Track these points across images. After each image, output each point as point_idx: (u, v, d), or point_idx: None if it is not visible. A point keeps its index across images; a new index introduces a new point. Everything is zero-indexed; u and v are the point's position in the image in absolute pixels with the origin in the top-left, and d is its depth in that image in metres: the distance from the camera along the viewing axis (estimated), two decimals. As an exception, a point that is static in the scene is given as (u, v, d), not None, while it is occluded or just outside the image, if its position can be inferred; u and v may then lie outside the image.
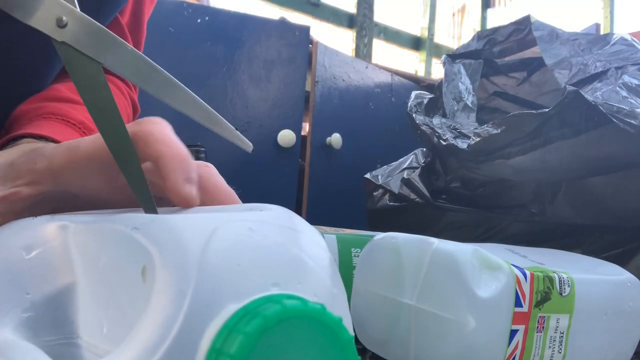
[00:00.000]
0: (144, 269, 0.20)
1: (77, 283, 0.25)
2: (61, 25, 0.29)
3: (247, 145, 0.35)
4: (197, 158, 0.82)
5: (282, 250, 0.22)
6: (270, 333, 0.18)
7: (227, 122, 0.33)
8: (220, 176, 0.32)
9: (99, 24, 0.30)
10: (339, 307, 0.22)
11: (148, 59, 0.31)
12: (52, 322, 0.25)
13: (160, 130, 0.30)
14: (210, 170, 0.32)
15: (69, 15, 0.29)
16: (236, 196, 0.32)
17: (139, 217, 0.23)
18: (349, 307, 0.56)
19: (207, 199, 0.30)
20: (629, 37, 0.77)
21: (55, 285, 0.25)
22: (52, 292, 0.25)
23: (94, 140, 0.30)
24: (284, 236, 0.23)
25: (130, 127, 0.30)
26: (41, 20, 0.29)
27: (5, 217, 0.29)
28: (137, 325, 0.19)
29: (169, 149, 0.29)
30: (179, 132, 0.34)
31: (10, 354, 0.22)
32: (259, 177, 1.33)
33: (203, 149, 0.93)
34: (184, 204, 0.28)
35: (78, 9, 0.30)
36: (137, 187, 0.28)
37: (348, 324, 0.23)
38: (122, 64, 0.30)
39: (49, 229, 0.27)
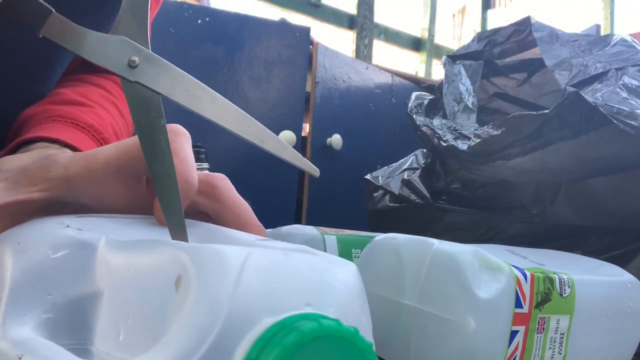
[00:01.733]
0: (179, 279, 0.21)
1: (100, 290, 0.25)
2: (133, 66, 0.29)
3: (315, 170, 0.36)
4: (197, 159, 0.82)
5: (316, 275, 0.22)
6: (305, 348, 0.18)
7: (292, 148, 0.35)
8: (233, 188, 0.33)
9: (164, 60, 0.30)
10: (366, 335, 0.22)
11: (210, 89, 0.32)
12: (70, 326, 0.25)
13: (179, 143, 0.31)
14: (227, 183, 0.32)
15: (140, 55, 0.30)
16: (251, 210, 0.32)
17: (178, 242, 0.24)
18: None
19: (225, 212, 0.31)
20: (629, 38, 0.77)
21: (78, 290, 0.26)
22: (73, 296, 0.25)
23: (113, 151, 0.30)
24: (317, 262, 0.23)
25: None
26: (113, 62, 0.29)
27: (14, 220, 0.30)
28: (171, 331, 0.19)
29: (179, 166, 0.30)
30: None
31: (40, 351, 0.22)
32: (259, 177, 1.33)
33: (203, 149, 0.93)
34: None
35: (149, 49, 0.30)
36: (171, 216, 0.29)
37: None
38: (188, 97, 0.31)
39: (77, 234, 0.27)
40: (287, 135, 1.37)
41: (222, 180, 0.32)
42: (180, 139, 0.32)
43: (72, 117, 0.44)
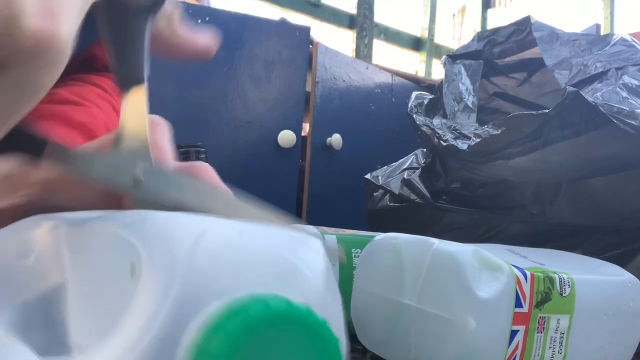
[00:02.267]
0: (133, 266, 0.20)
1: (67, 282, 0.25)
2: (137, 182, 0.30)
3: (317, 234, 0.36)
4: (198, 158, 0.82)
5: (272, 253, 0.21)
6: (253, 332, 0.17)
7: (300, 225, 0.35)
8: (217, 176, 0.32)
9: (167, 170, 0.31)
10: (330, 311, 0.22)
11: (210, 186, 0.32)
12: (44, 321, 0.25)
13: (159, 136, 0.30)
14: (208, 170, 0.32)
15: (144, 172, 0.30)
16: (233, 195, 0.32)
17: (130, 215, 0.23)
18: (350, 307, 0.56)
19: (155, 153, 0.31)
20: (629, 38, 0.77)
21: (47, 285, 0.25)
22: (43, 291, 0.25)
23: (93, 147, 0.30)
24: (275, 240, 0.22)
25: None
26: (119, 183, 0.30)
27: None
28: (120, 321, 0.19)
29: (156, 154, 0.29)
30: (179, 132, 0.34)
31: (2, 354, 0.22)
32: (259, 178, 1.33)
33: (203, 149, 0.93)
34: None
35: (153, 163, 0.31)
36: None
37: (339, 327, 0.23)
38: (197, 200, 0.31)
39: (41, 230, 0.27)
40: (287, 135, 1.37)
41: (203, 168, 0.33)
42: (158, 129, 0.31)
43: (64, 116, 0.44)
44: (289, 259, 0.22)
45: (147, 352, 0.18)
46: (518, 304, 0.44)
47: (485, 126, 0.70)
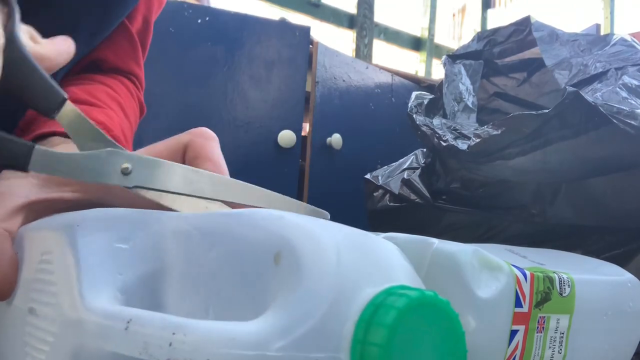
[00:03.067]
0: (278, 254, 0.22)
1: (171, 268, 0.26)
2: (127, 173, 0.30)
3: (325, 214, 0.38)
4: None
5: (392, 252, 0.26)
6: (413, 312, 0.21)
7: (301, 203, 0.37)
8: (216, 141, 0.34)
9: (152, 158, 0.31)
10: None
11: (200, 170, 0.33)
12: (143, 302, 0.26)
13: (211, 148, 0.32)
14: (213, 143, 0.33)
15: (131, 161, 0.30)
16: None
17: (259, 212, 0.26)
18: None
19: (210, 167, 0.32)
20: (629, 38, 0.77)
21: (145, 270, 0.27)
22: (144, 273, 0.27)
23: (147, 152, 0.32)
24: (376, 240, 0.27)
25: (186, 135, 0.32)
26: (108, 176, 0.30)
27: (39, 216, 0.30)
28: (279, 301, 0.21)
29: (213, 170, 0.31)
30: (179, 132, 0.34)
31: (143, 314, 0.23)
32: (259, 177, 1.33)
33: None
34: None
35: (138, 153, 0.31)
36: None
37: None
38: (186, 184, 0.32)
39: (141, 222, 0.28)
40: (287, 134, 1.37)
41: (204, 130, 0.34)
42: (210, 144, 0.33)
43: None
44: (399, 254, 0.26)
45: (319, 325, 0.20)
46: (518, 303, 0.44)
47: (485, 126, 0.70)
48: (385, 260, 0.24)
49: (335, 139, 1.45)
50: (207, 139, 0.32)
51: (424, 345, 0.22)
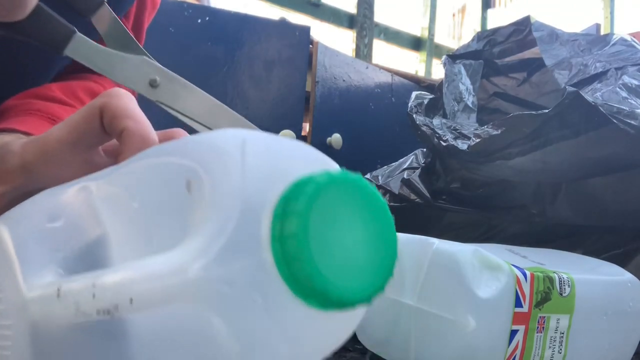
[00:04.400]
0: (189, 182, 0.22)
1: (106, 230, 0.26)
2: (154, 85, 0.30)
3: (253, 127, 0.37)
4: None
5: (303, 148, 0.25)
6: (330, 188, 0.21)
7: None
8: None
9: (183, 79, 0.31)
10: None
11: (223, 105, 0.33)
12: (87, 269, 0.26)
13: (128, 105, 0.30)
14: (185, 133, 0.33)
15: (161, 75, 0.30)
16: None
17: (167, 145, 0.25)
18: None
19: (131, 125, 0.31)
20: (628, 38, 0.77)
21: (84, 240, 0.27)
22: (82, 245, 0.27)
23: (64, 129, 0.30)
24: (295, 142, 0.26)
25: (98, 99, 0.30)
26: (134, 81, 0.30)
27: None
28: (194, 225, 0.21)
29: (135, 125, 0.29)
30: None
31: (73, 279, 0.23)
32: (259, 178, 1.33)
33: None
34: None
35: (167, 69, 0.31)
36: None
37: None
38: (206, 114, 0.32)
39: (65, 195, 0.28)
40: (287, 134, 1.37)
41: (182, 132, 0.33)
42: (125, 101, 0.31)
43: (50, 112, 0.43)
44: (315, 151, 0.25)
45: (234, 236, 0.20)
46: (518, 303, 0.44)
47: (485, 126, 0.70)
48: (294, 157, 0.24)
49: (335, 139, 1.45)
50: (121, 97, 0.30)
51: (346, 224, 0.22)
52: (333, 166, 0.25)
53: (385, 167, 0.94)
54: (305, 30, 1.46)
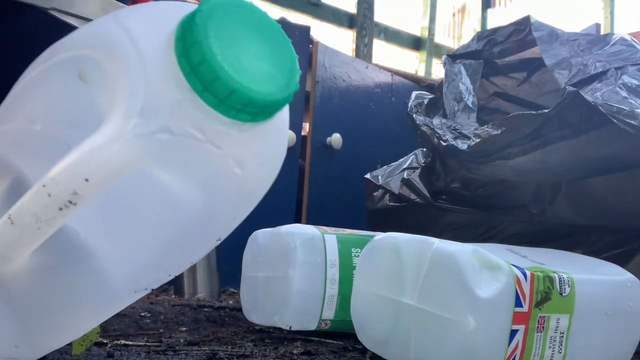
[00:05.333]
0: (81, 72, 0.23)
1: (22, 171, 0.27)
2: None
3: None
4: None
5: (187, 5, 0.25)
6: (216, 12, 0.22)
7: None
8: None
9: None
10: None
11: (118, 3, 0.33)
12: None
13: None
14: None
15: None
16: None
17: (52, 49, 0.26)
18: (350, 307, 0.56)
19: None
20: (628, 38, 0.77)
21: (3, 187, 0.28)
22: (6, 187, 0.28)
23: None
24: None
25: None
26: None
27: None
28: (109, 101, 0.22)
29: None
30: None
31: None
32: (259, 177, 1.33)
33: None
34: None
35: None
36: None
37: None
38: (93, 10, 0.32)
39: None
40: (287, 134, 1.38)
41: None
42: None
43: None
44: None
45: (150, 88, 0.21)
46: (518, 303, 0.44)
47: (485, 126, 0.70)
48: (175, 9, 0.24)
49: (335, 139, 1.45)
50: None
51: (242, 38, 0.23)
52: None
53: (385, 167, 0.94)
54: (305, 30, 1.46)
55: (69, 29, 0.30)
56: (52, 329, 0.29)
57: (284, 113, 0.25)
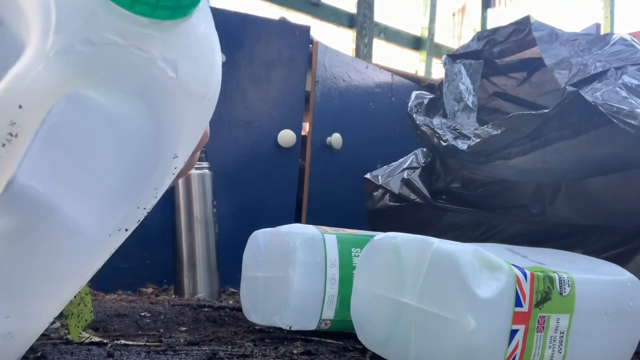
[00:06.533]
0: None
1: None
2: None
3: None
4: (199, 158, 0.82)
5: None
6: None
7: None
8: None
9: None
10: None
11: None
12: None
13: None
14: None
15: None
16: None
17: None
18: (350, 307, 0.56)
19: None
20: (628, 37, 0.77)
21: None
22: None
23: None
24: None
25: None
26: None
27: None
28: (26, 32, 0.22)
29: None
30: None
31: None
32: (259, 177, 1.33)
33: (203, 149, 0.93)
34: None
35: None
36: None
37: None
38: None
39: None
40: (287, 134, 1.37)
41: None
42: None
43: None
44: None
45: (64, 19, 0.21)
46: (518, 303, 0.44)
47: (485, 126, 0.70)
48: None
49: (335, 139, 1.45)
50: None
51: None
52: None
53: (385, 167, 0.94)
54: (305, 29, 1.46)
55: None
56: (38, 293, 0.29)
57: (206, 15, 0.24)
